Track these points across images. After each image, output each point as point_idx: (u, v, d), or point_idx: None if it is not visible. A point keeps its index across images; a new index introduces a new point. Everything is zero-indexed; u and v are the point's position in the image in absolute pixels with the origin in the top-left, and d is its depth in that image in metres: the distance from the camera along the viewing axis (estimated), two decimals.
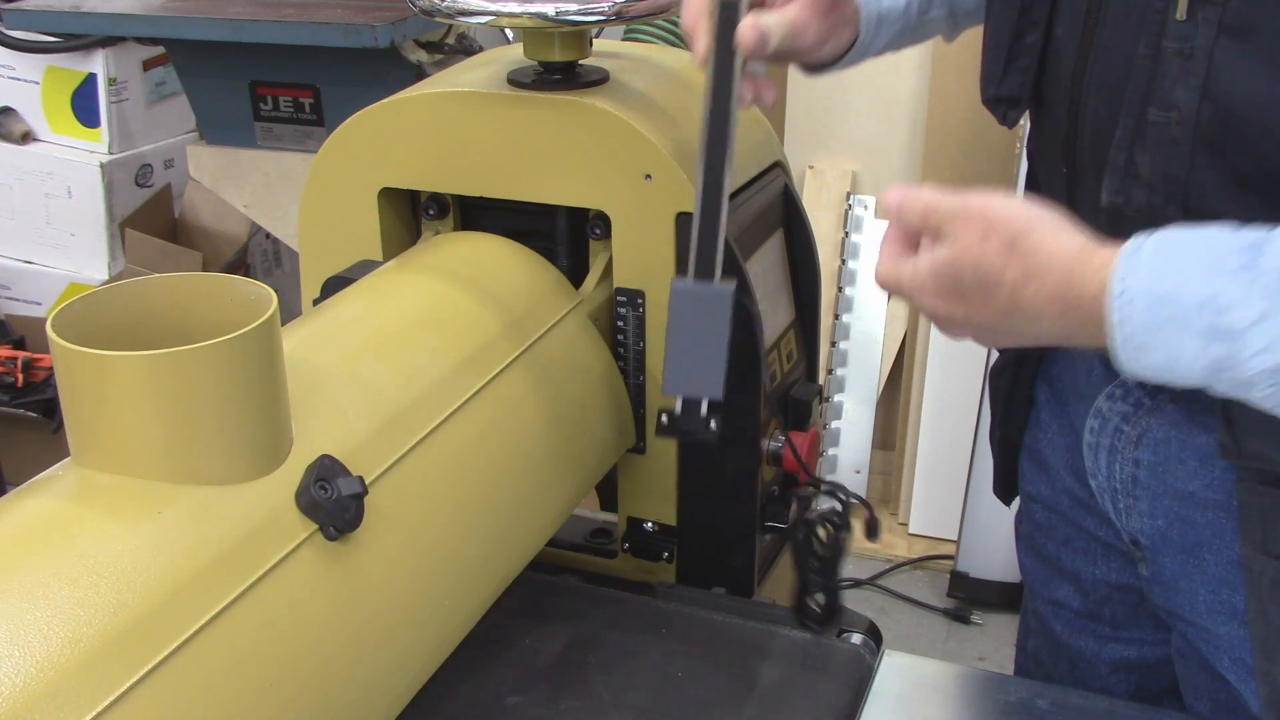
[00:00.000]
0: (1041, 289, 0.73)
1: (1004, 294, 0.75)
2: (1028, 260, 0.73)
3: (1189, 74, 0.77)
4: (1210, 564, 0.92)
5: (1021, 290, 0.74)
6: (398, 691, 0.81)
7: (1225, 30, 0.75)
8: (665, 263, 1.04)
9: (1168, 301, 0.68)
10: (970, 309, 0.77)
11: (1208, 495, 0.91)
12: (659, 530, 1.13)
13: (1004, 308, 0.75)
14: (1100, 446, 0.97)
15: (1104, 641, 1.08)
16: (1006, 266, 0.74)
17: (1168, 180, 0.80)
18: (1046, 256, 0.73)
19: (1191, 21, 0.76)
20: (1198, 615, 0.95)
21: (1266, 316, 0.66)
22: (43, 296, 2.73)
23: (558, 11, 0.99)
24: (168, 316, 0.74)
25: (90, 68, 2.59)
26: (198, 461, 0.70)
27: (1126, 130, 0.82)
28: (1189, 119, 0.78)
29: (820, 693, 0.96)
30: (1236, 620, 0.91)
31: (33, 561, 0.63)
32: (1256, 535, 0.85)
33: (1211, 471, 0.89)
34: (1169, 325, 0.69)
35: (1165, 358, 0.69)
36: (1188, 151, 0.78)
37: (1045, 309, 0.73)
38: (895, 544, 2.72)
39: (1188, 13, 0.76)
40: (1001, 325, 0.77)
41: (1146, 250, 0.70)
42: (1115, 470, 0.96)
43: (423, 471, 0.84)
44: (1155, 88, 0.79)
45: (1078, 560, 1.07)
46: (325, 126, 2.02)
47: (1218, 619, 0.93)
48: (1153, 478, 0.94)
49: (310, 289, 1.12)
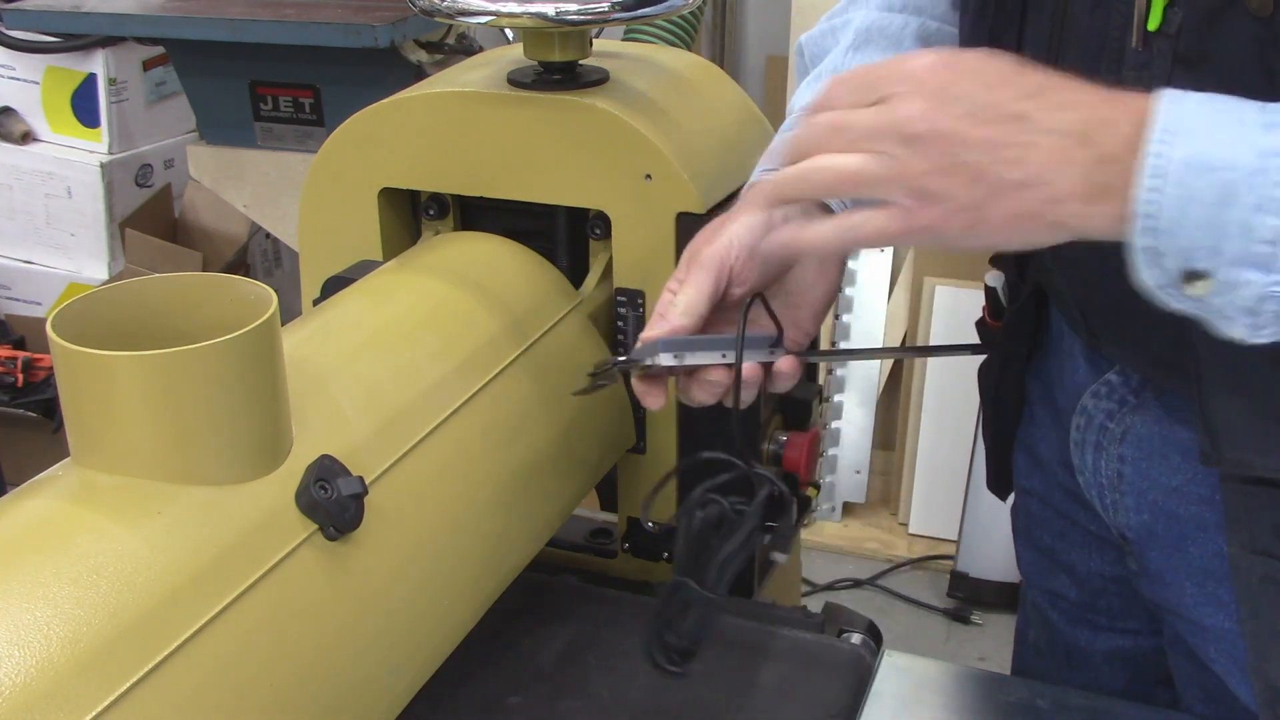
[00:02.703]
0: (1070, 93, 0.67)
1: (1027, 83, 0.66)
2: (1046, 75, 0.67)
3: None
4: (1195, 557, 0.93)
5: (1047, 87, 0.67)
6: (398, 691, 0.81)
7: (1179, 60, 0.74)
8: (665, 263, 1.04)
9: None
10: (965, 111, 0.66)
11: (1191, 490, 0.91)
12: (659, 530, 1.13)
13: (1032, 89, 0.66)
14: (1086, 443, 0.98)
15: (1099, 631, 1.09)
16: (1020, 72, 0.67)
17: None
18: (1063, 78, 0.67)
19: (1147, 51, 0.76)
20: (1185, 608, 0.95)
21: None
22: (43, 296, 2.73)
23: (558, 11, 0.99)
24: (168, 316, 0.74)
25: (90, 68, 2.59)
26: (198, 461, 0.70)
27: None
28: None
29: (820, 693, 0.96)
30: (1223, 612, 0.91)
31: (33, 561, 0.63)
32: (1243, 533, 0.85)
33: (1194, 466, 0.90)
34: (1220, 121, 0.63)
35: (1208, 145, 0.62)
36: None
37: (1077, 100, 0.66)
38: (895, 544, 2.72)
39: (1143, 43, 0.76)
40: (1007, 138, 0.66)
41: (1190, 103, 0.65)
42: (1101, 466, 0.97)
43: (423, 471, 0.84)
44: None
45: (1072, 553, 1.08)
46: (325, 126, 2.02)
47: (1204, 611, 0.94)
48: (1137, 474, 0.94)
49: (310, 289, 1.12)
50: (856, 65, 0.90)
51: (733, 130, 1.15)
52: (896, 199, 0.69)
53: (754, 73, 3.79)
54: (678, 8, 1.04)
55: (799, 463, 1.12)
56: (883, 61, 0.72)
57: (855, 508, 2.81)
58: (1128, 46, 0.77)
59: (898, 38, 0.96)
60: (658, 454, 1.11)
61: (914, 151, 0.68)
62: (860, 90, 0.71)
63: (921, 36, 0.96)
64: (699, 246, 0.85)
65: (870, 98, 0.70)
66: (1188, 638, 0.97)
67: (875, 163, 0.69)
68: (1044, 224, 0.68)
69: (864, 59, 0.95)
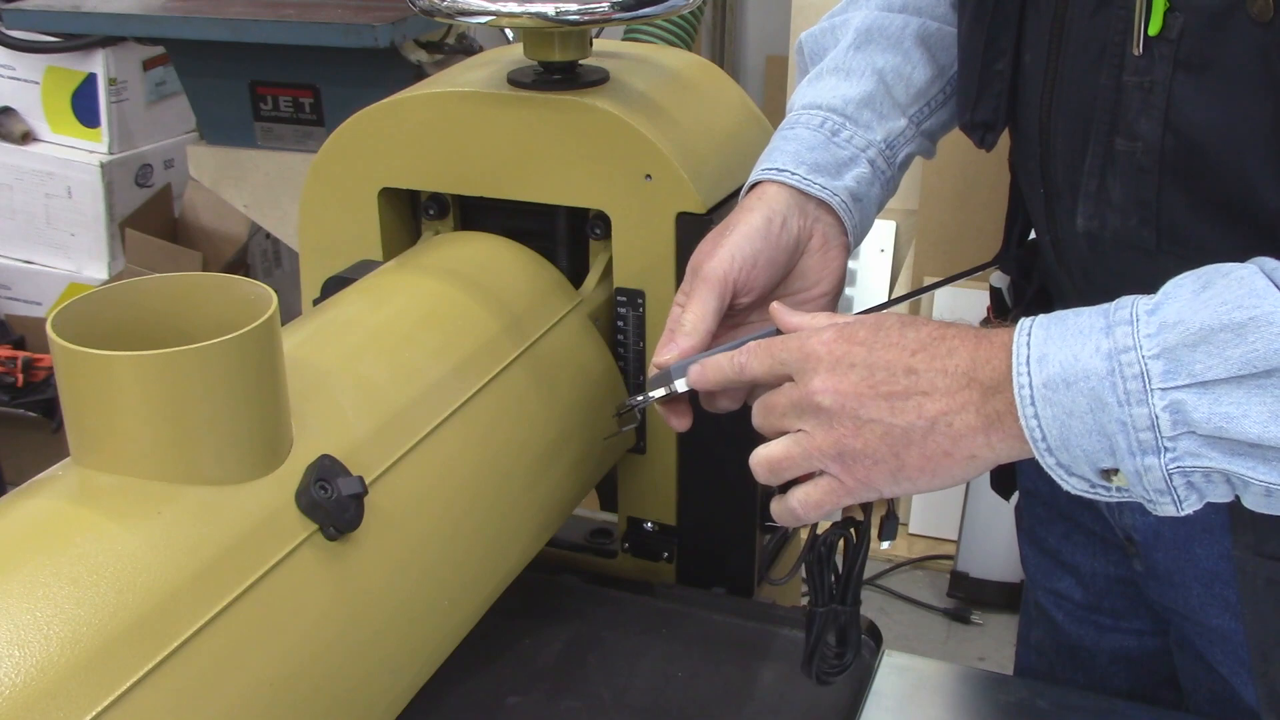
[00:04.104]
0: (952, 340, 0.72)
1: (913, 339, 0.72)
2: (931, 327, 0.73)
3: (1150, 106, 0.76)
4: (1202, 558, 0.92)
5: (930, 339, 0.72)
6: (398, 691, 0.81)
7: (1181, 65, 0.74)
8: (665, 263, 1.04)
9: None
10: (865, 374, 0.73)
11: None
12: (659, 530, 1.13)
13: (917, 345, 0.72)
14: None
15: (1104, 631, 1.09)
16: (905, 332, 0.73)
17: (1140, 205, 0.80)
18: (943, 327, 0.73)
19: (1148, 56, 0.76)
20: (1192, 610, 0.95)
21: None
22: (43, 296, 2.73)
23: (558, 11, 0.99)
24: (168, 316, 0.74)
25: (90, 68, 2.59)
26: (198, 461, 0.70)
27: (1096, 158, 0.81)
28: (1154, 149, 0.77)
29: (820, 693, 0.96)
30: (1229, 613, 0.91)
31: (33, 561, 0.63)
32: (1249, 537, 0.85)
33: None
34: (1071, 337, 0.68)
35: (1066, 355, 0.67)
36: (1155, 179, 0.78)
37: (959, 346, 0.72)
38: (895, 544, 2.72)
39: (1144, 48, 0.76)
40: (900, 387, 0.72)
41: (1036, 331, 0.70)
42: None
43: (423, 471, 0.84)
44: (1120, 119, 0.79)
45: (1077, 554, 1.08)
46: (325, 126, 2.02)
47: (1210, 612, 0.93)
48: None
49: (310, 289, 1.12)
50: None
51: (733, 130, 1.15)
52: (825, 467, 0.75)
53: (754, 73, 3.79)
54: (678, 8, 1.04)
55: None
56: (785, 339, 0.77)
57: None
58: (1128, 51, 0.77)
59: (897, 38, 0.96)
60: (658, 454, 1.11)
61: (826, 421, 0.74)
62: (775, 367, 0.77)
63: (921, 37, 0.96)
64: (701, 260, 0.87)
65: (782, 374, 0.77)
66: (1194, 639, 0.97)
67: (796, 444, 0.76)
68: (958, 461, 0.72)
69: (865, 58, 0.96)
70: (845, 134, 0.93)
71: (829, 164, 0.91)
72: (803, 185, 0.89)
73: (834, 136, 0.93)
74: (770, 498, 1.15)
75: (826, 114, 0.94)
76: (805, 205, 0.89)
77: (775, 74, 3.57)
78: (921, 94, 0.96)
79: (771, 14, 3.62)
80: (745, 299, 0.87)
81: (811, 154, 0.91)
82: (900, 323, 0.74)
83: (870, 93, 0.94)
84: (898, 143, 0.95)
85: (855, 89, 0.94)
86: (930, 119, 0.97)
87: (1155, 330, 0.65)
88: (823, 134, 0.93)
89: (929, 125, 0.97)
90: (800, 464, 0.76)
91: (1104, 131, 0.80)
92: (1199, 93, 0.74)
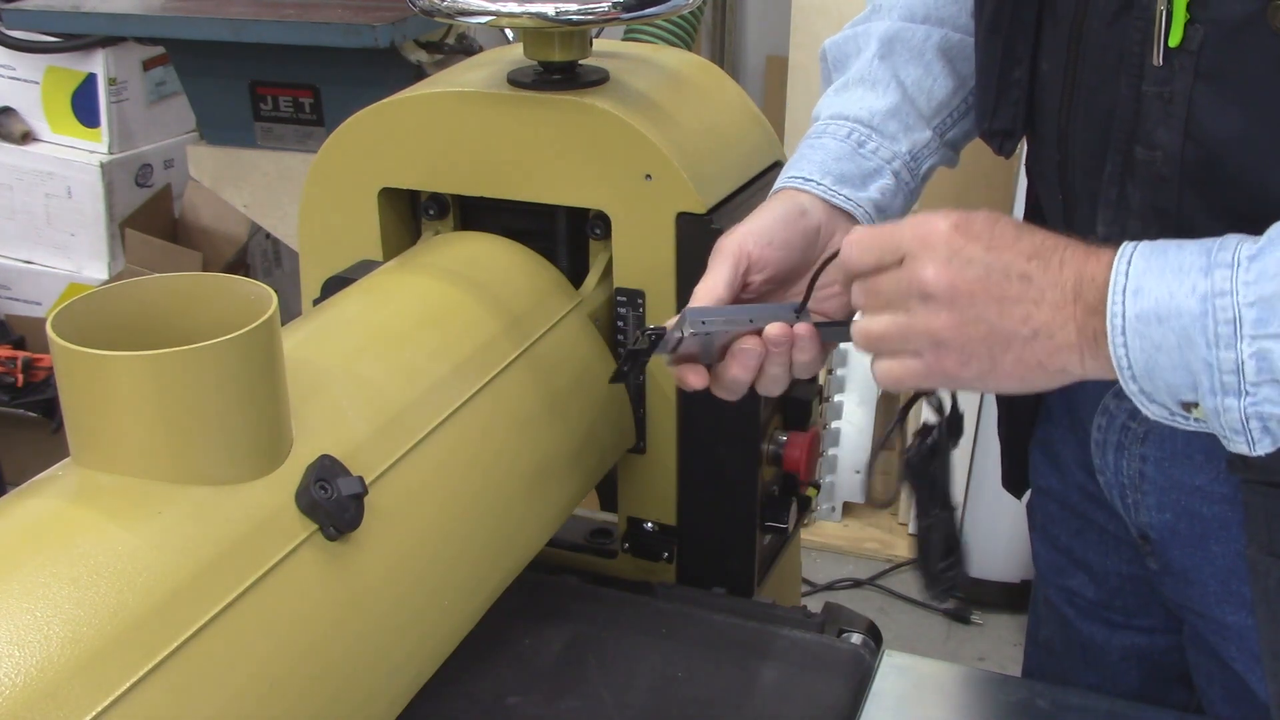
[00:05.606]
0: (1064, 251, 0.73)
1: (1028, 244, 0.72)
2: (1045, 236, 0.73)
3: (1170, 116, 0.77)
4: (1218, 555, 0.93)
5: (1045, 247, 0.73)
6: (398, 691, 0.81)
7: (1201, 77, 0.75)
8: (665, 263, 1.04)
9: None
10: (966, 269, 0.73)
11: (1214, 488, 0.91)
12: (659, 530, 1.13)
13: (1033, 250, 0.72)
14: (1108, 444, 0.98)
15: (1115, 629, 1.09)
16: (1021, 235, 0.73)
17: (1159, 213, 0.81)
18: (1054, 236, 0.73)
19: (1168, 67, 0.76)
20: (1207, 606, 0.95)
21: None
22: (43, 296, 2.73)
23: (558, 11, 0.99)
24: (168, 316, 0.74)
25: (90, 68, 2.59)
26: (198, 461, 0.70)
27: (1116, 166, 0.82)
28: (1174, 158, 0.78)
29: (820, 693, 0.96)
30: (1246, 610, 0.92)
31: (33, 561, 0.63)
32: (1262, 536, 0.85)
33: (1217, 465, 0.90)
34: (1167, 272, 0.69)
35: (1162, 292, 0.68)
36: (1175, 188, 0.79)
37: (1069, 258, 0.72)
38: (895, 544, 2.72)
39: (1164, 59, 0.77)
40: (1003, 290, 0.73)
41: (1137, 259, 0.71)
42: (1123, 466, 0.97)
43: (423, 471, 0.84)
44: (1139, 128, 0.80)
45: (1089, 552, 1.08)
46: (325, 126, 2.02)
47: (1226, 609, 0.94)
48: (1159, 473, 0.94)
49: (310, 289, 1.12)
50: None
51: (733, 130, 1.15)
52: (920, 350, 0.76)
53: (754, 73, 3.79)
54: (679, 7, 1.04)
55: (799, 462, 1.13)
56: (897, 225, 0.77)
57: (855, 508, 2.81)
58: (1147, 62, 0.77)
59: (919, 50, 0.97)
60: (658, 454, 1.11)
61: (934, 309, 0.74)
62: (885, 253, 0.77)
63: (943, 49, 0.98)
64: (721, 242, 0.88)
65: (893, 258, 0.76)
66: (1209, 636, 0.97)
67: (896, 325, 0.76)
68: (1048, 372, 0.73)
69: (889, 67, 0.97)
70: (871, 145, 0.95)
71: (854, 175, 0.93)
72: (827, 195, 0.91)
73: (860, 148, 0.94)
74: (769, 498, 1.15)
75: (853, 125, 0.95)
76: (830, 212, 0.92)
77: (775, 74, 3.57)
78: (944, 105, 0.98)
79: (771, 14, 3.62)
80: (759, 275, 0.88)
81: (838, 164, 0.93)
82: (1015, 224, 0.75)
83: (896, 105, 0.96)
84: (922, 154, 0.97)
85: (881, 101, 0.96)
86: (953, 129, 0.99)
87: (1254, 278, 0.66)
88: (849, 145, 0.94)
89: (952, 135, 0.99)
90: (896, 344, 0.77)
91: (1123, 140, 0.81)
92: (1219, 103, 0.75)
